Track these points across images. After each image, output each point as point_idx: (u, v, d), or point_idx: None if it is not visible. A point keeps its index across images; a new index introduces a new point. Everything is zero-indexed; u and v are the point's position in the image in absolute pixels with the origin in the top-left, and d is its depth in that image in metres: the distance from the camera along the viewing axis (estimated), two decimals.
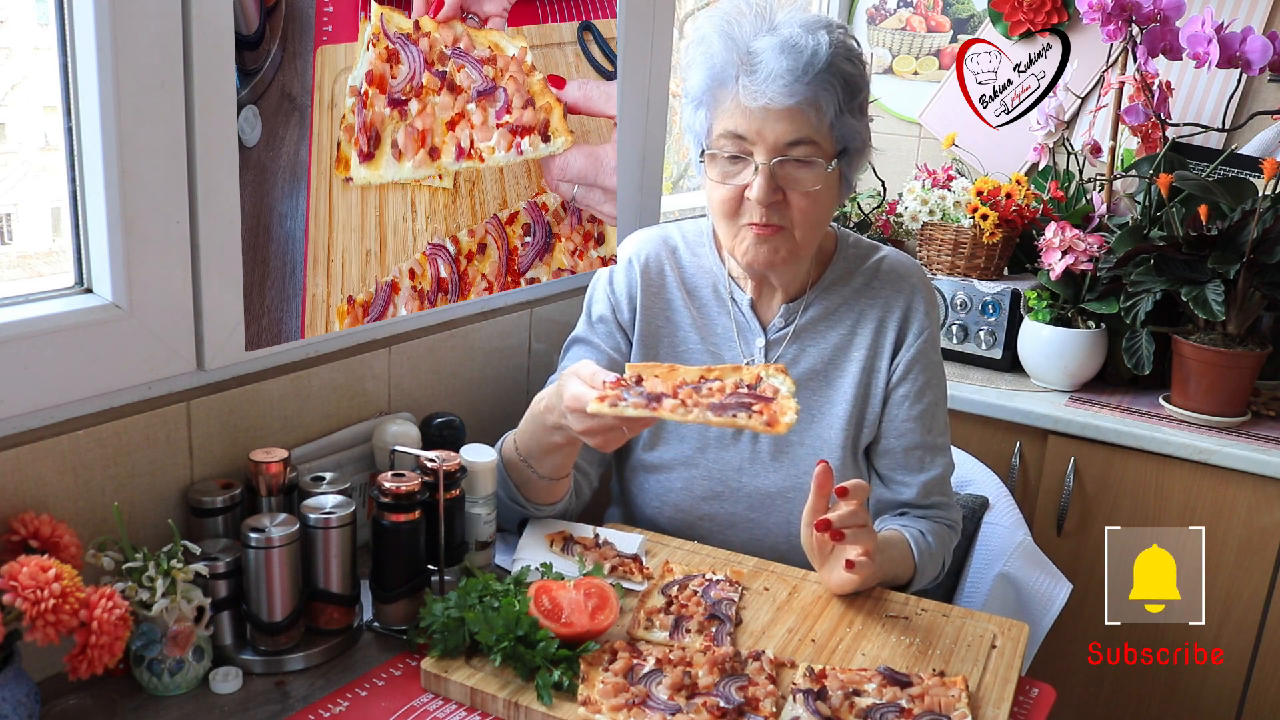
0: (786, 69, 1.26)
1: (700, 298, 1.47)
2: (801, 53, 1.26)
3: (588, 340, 1.48)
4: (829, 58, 1.27)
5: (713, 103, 1.33)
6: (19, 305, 1.06)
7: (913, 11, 2.71)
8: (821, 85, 1.28)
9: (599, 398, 1.11)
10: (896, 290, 1.44)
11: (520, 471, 1.34)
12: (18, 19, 1.21)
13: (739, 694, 1.02)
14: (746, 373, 1.13)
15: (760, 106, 1.28)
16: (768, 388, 1.11)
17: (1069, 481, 1.97)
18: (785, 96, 1.27)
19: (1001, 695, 1.08)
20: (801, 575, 1.32)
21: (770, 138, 1.29)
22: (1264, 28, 2.26)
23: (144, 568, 1.01)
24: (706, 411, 1.07)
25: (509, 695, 1.03)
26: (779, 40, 1.27)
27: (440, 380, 1.52)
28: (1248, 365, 1.90)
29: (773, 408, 1.07)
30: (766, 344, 1.44)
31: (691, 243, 1.51)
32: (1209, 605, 1.48)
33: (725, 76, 1.30)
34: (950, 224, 2.21)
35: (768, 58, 1.27)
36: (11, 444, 1.03)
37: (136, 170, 1.07)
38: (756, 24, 1.30)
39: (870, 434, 1.44)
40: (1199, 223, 1.87)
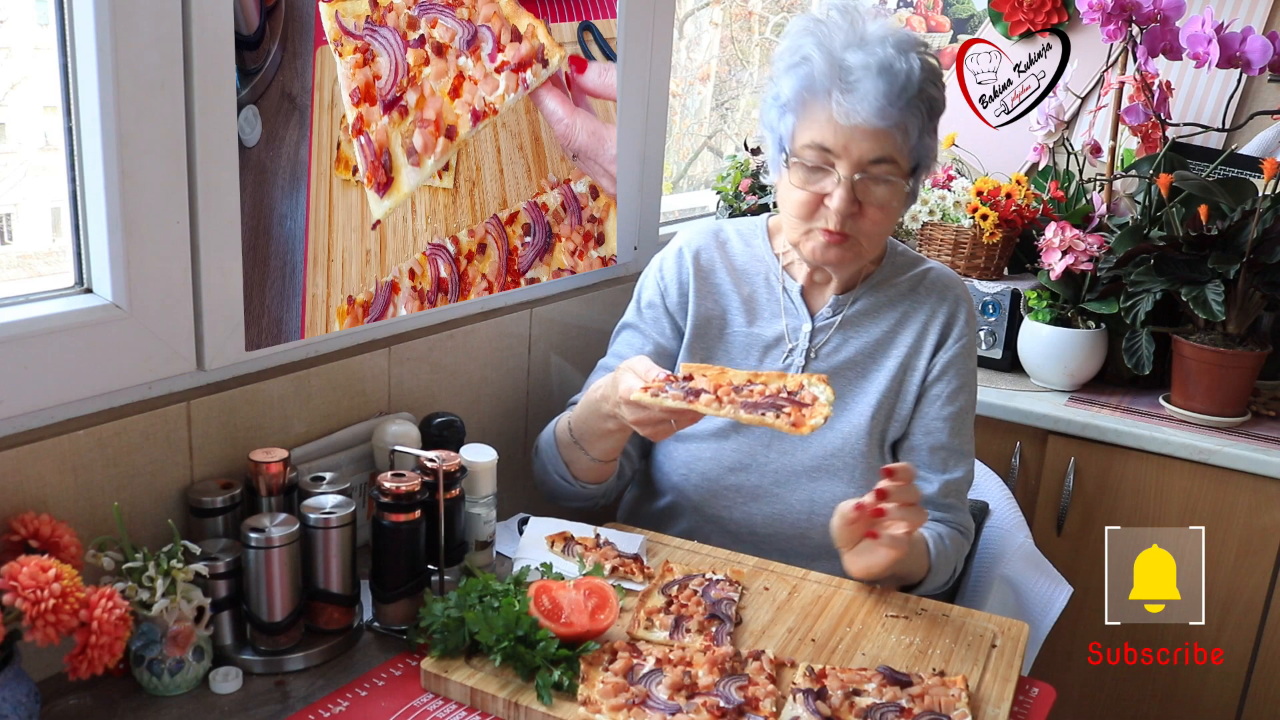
0: (882, 92, 1.30)
1: (751, 284, 1.53)
2: (896, 76, 1.31)
3: (636, 326, 1.55)
4: (920, 82, 1.33)
5: (802, 111, 1.37)
6: (19, 305, 1.06)
7: (913, 11, 2.71)
8: (911, 109, 1.33)
9: (643, 387, 1.19)
10: (941, 298, 1.50)
11: (572, 451, 1.43)
12: (18, 19, 1.21)
13: (739, 694, 1.03)
14: (790, 380, 1.19)
15: (853, 125, 1.32)
16: (807, 395, 1.16)
17: (1069, 481, 1.97)
18: (878, 119, 1.32)
19: (1001, 695, 1.08)
20: (801, 575, 1.32)
21: (855, 154, 1.34)
22: (1264, 28, 2.26)
23: (144, 568, 1.01)
24: (739, 409, 1.13)
25: (509, 695, 1.03)
26: (876, 61, 1.31)
27: (440, 380, 1.52)
28: (1248, 365, 1.90)
29: (802, 410, 1.12)
30: (813, 330, 1.49)
31: (745, 234, 1.57)
32: (1209, 605, 1.48)
33: (818, 88, 1.34)
34: (950, 224, 2.21)
35: (864, 78, 1.31)
36: (11, 444, 1.03)
37: (136, 170, 1.07)
38: (849, 34, 1.34)
39: (899, 429, 1.49)
40: (1199, 223, 1.87)
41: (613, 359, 1.55)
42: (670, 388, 1.17)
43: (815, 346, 1.48)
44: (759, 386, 1.18)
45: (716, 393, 1.16)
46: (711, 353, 1.51)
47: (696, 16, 2.79)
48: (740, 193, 2.17)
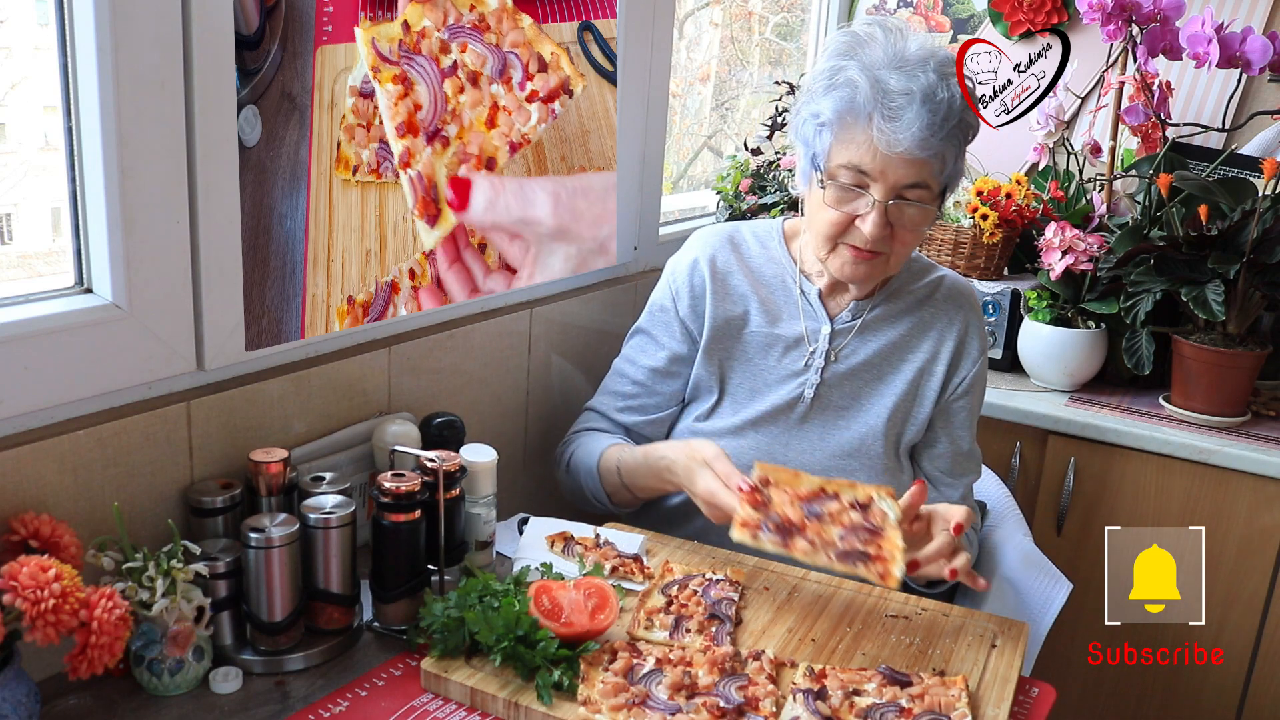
0: (926, 123, 1.31)
1: (769, 287, 1.54)
2: (939, 106, 1.32)
3: (648, 332, 1.57)
4: (960, 110, 1.34)
5: (840, 130, 1.37)
6: (19, 305, 1.06)
7: (913, 11, 2.71)
8: (951, 139, 1.35)
9: (740, 523, 1.20)
10: (958, 307, 1.53)
11: (618, 489, 1.48)
12: (18, 19, 1.21)
13: (739, 694, 1.03)
14: (860, 491, 1.24)
15: (895, 153, 1.33)
16: (877, 511, 1.22)
17: (1069, 481, 1.97)
18: (919, 149, 1.32)
19: (1001, 695, 1.08)
20: (801, 575, 1.32)
21: (891, 179, 1.35)
22: (1264, 28, 2.26)
23: (144, 568, 1.01)
24: (834, 560, 1.17)
25: (509, 695, 1.03)
26: (920, 88, 1.31)
27: (440, 380, 1.52)
28: (1248, 365, 1.90)
29: (886, 560, 1.16)
30: (832, 332, 1.50)
31: (761, 237, 1.58)
32: (1209, 605, 1.47)
33: (860, 111, 1.34)
34: (950, 224, 2.21)
35: (907, 106, 1.31)
36: (11, 444, 1.03)
37: (136, 170, 1.07)
38: (891, 54, 1.34)
39: (916, 433, 1.52)
40: (1199, 223, 1.87)
41: (625, 364, 1.57)
42: (765, 527, 1.19)
43: (835, 349, 1.50)
44: (832, 504, 1.22)
45: (805, 528, 1.19)
46: (731, 352, 1.51)
47: (696, 16, 2.79)
48: (740, 193, 2.17)
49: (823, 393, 1.49)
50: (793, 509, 1.22)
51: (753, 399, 1.50)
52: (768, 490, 1.24)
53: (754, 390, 1.51)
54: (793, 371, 1.50)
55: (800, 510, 1.22)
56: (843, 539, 1.18)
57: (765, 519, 1.20)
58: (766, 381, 1.50)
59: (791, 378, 1.49)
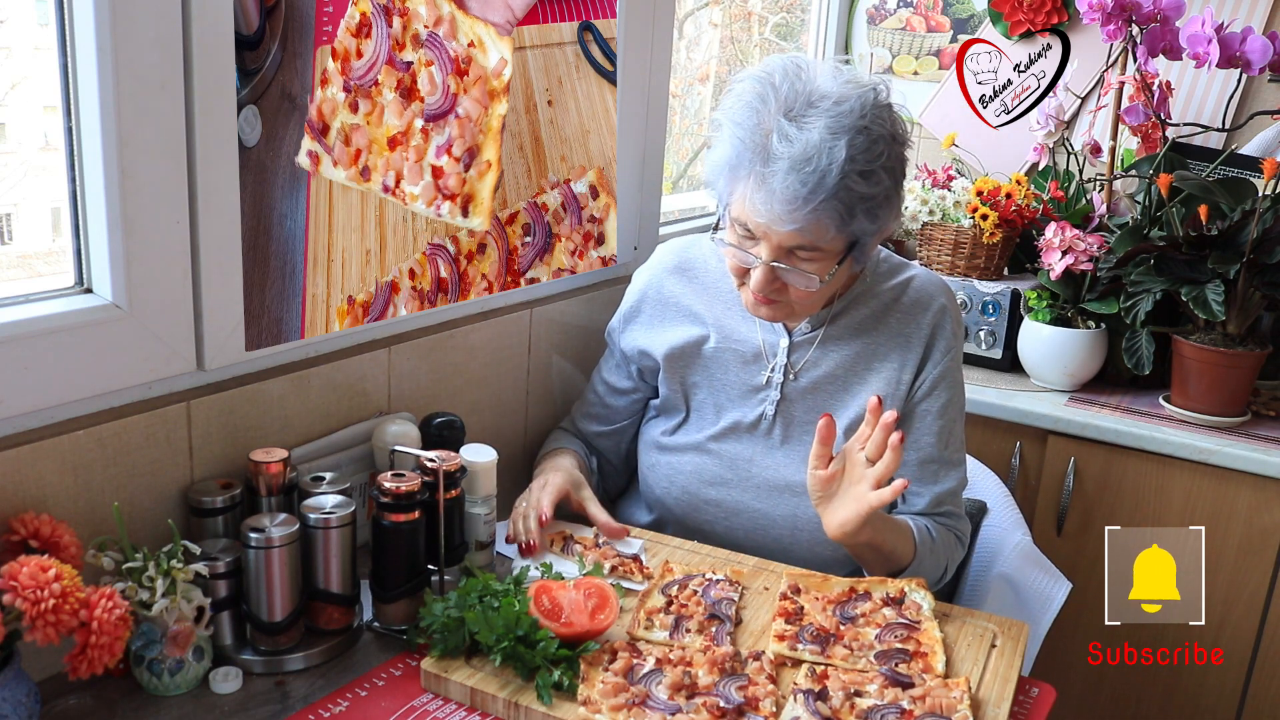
0: (792, 195, 1.22)
1: (725, 301, 1.50)
2: (809, 177, 1.22)
3: (611, 355, 1.60)
4: (837, 180, 1.22)
5: (732, 180, 1.31)
6: (19, 305, 1.06)
7: (913, 11, 2.71)
8: (824, 210, 1.24)
9: (777, 636, 1.15)
10: (925, 309, 1.43)
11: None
12: (18, 19, 1.21)
13: (739, 694, 1.03)
14: (891, 585, 1.23)
15: (762, 221, 1.27)
16: (910, 604, 1.21)
17: (1069, 481, 1.97)
18: (784, 222, 1.25)
19: (1001, 695, 1.08)
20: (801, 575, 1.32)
21: (775, 239, 1.29)
22: (1264, 28, 2.26)
23: (144, 568, 1.01)
24: (874, 663, 1.11)
25: (509, 695, 1.03)
26: (795, 153, 1.22)
27: (440, 380, 1.52)
28: (1248, 365, 1.90)
29: (926, 655, 1.13)
30: (790, 345, 1.46)
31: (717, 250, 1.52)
32: (1209, 605, 1.47)
33: (741, 163, 1.28)
34: (950, 224, 2.21)
35: (776, 174, 1.23)
36: (11, 444, 1.03)
37: (136, 170, 1.07)
38: (786, 106, 1.25)
39: None
40: (1199, 223, 1.87)
41: (595, 372, 1.62)
42: (802, 640, 1.14)
43: (794, 362, 1.45)
44: (864, 604, 1.20)
45: (843, 639, 1.14)
46: (691, 370, 1.49)
47: (696, 16, 2.79)
48: None
49: (785, 408, 1.44)
50: (825, 616, 1.19)
51: (719, 415, 1.48)
52: (799, 599, 1.22)
53: (718, 406, 1.48)
54: (754, 386, 1.46)
55: (834, 617, 1.19)
56: (879, 638, 1.15)
57: (801, 629, 1.16)
58: (730, 397, 1.47)
59: (752, 393, 1.46)
